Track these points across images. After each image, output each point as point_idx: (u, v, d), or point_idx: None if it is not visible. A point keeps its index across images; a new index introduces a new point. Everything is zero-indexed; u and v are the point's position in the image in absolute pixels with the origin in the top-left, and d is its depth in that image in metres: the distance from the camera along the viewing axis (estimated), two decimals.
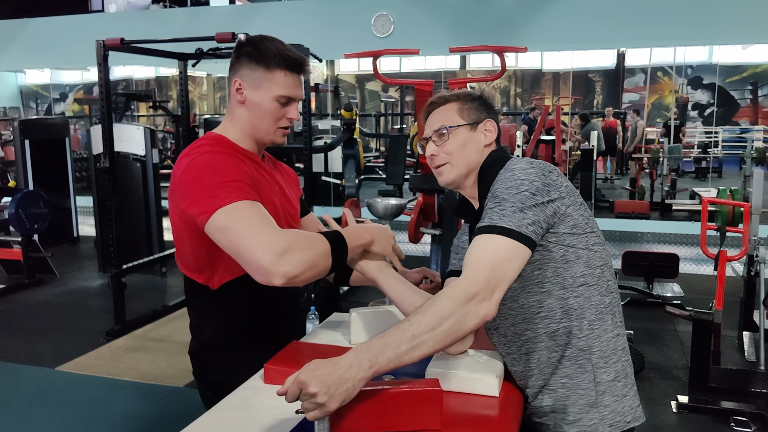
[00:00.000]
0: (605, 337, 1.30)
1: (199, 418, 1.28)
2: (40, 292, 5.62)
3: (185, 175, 1.38)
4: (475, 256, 1.21)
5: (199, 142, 1.49)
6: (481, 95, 1.48)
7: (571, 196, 1.29)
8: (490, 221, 1.23)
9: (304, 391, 1.06)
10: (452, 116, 1.43)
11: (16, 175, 7.32)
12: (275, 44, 1.47)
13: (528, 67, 13.74)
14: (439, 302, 1.15)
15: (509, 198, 1.23)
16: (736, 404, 3.25)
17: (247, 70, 1.46)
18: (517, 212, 1.21)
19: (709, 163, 10.50)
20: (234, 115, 1.50)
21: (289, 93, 1.47)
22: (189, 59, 5.12)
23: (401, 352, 1.10)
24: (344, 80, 14.13)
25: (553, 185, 1.26)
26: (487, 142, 1.43)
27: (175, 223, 1.46)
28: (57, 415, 3.31)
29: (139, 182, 5.87)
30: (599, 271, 1.31)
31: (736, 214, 3.96)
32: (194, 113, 11.89)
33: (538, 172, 1.27)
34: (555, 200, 1.25)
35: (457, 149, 1.41)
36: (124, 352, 4.20)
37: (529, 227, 1.21)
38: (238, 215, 1.29)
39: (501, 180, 1.29)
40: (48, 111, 13.93)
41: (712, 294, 3.66)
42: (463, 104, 1.44)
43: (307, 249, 1.29)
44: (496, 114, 1.48)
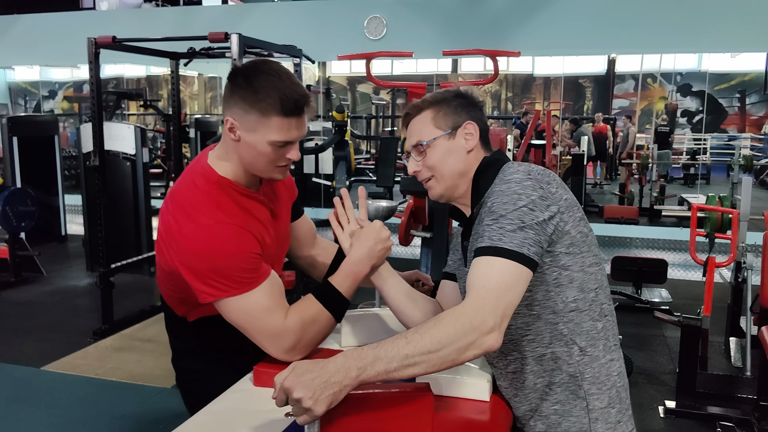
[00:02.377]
0: (596, 364, 1.25)
1: (188, 419, 1.28)
2: (26, 290, 5.56)
3: (189, 246, 1.31)
4: (479, 281, 1.14)
5: (199, 179, 1.39)
6: (457, 93, 1.38)
7: (570, 210, 1.22)
8: (490, 242, 1.16)
9: (290, 396, 1.05)
10: (427, 127, 1.35)
11: (4, 173, 7.25)
12: (272, 81, 1.31)
13: (519, 72, 13.81)
14: (441, 327, 1.10)
15: (507, 214, 1.17)
16: (723, 409, 3.28)
17: (240, 111, 1.32)
18: (518, 231, 1.15)
19: (697, 169, 10.58)
20: (229, 150, 1.39)
21: (287, 138, 1.34)
22: (181, 58, 5.10)
23: (391, 369, 1.07)
24: (336, 82, 14.13)
25: (551, 198, 1.19)
26: (469, 147, 1.34)
27: (165, 268, 1.41)
28: (42, 415, 3.27)
29: (128, 181, 5.83)
30: (593, 294, 1.26)
31: (724, 220, 3.98)
32: (185, 113, 11.84)
33: (536, 184, 1.20)
34: (554, 216, 1.19)
35: (439, 162, 1.34)
36: (111, 351, 4.16)
37: (531, 248, 1.15)
38: (244, 312, 1.33)
39: (497, 193, 1.22)
40: (37, 108, 13.81)
41: (700, 300, 3.68)
42: (437, 110, 1.35)
43: (313, 337, 1.38)
44: (479, 109, 1.38)
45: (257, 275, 1.34)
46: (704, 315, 3.49)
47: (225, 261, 1.30)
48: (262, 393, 1.35)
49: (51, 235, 7.10)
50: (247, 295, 1.32)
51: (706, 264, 3.74)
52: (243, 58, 4.11)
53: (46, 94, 14.08)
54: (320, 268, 1.73)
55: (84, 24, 8.82)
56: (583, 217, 1.26)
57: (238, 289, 1.32)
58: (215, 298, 1.33)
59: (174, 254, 1.35)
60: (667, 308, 4.87)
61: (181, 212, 1.35)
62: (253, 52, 4.72)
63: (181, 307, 1.51)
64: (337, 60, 3.28)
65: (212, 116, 10.85)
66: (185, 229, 1.32)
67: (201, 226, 1.31)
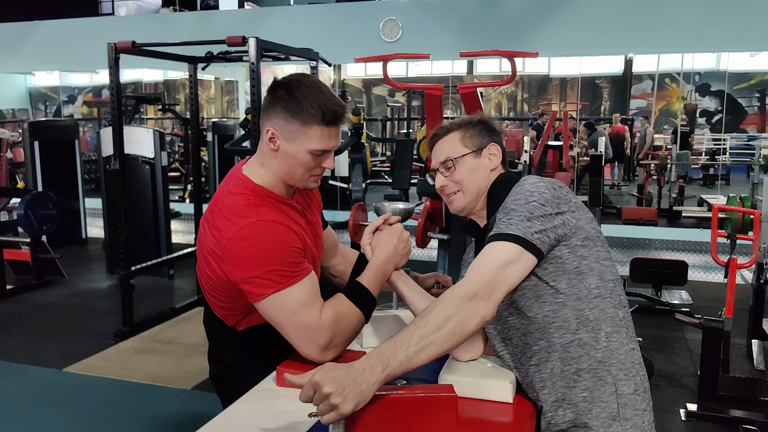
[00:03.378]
0: (623, 350, 1.30)
1: (211, 420, 1.29)
2: (48, 293, 5.63)
3: (234, 246, 1.36)
4: (478, 261, 1.25)
5: (236, 189, 1.43)
6: (481, 119, 1.51)
7: (582, 210, 1.32)
8: (497, 230, 1.27)
9: (319, 391, 1.07)
10: (456, 146, 1.47)
11: (25, 177, 7.35)
12: (313, 93, 1.39)
13: (535, 73, 13.73)
14: (442, 303, 1.19)
15: (518, 208, 1.27)
16: (745, 413, 3.23)
17: (282, 121, 1.40)
18: (525, 221, 1.25)
19: (717, 170, 10.46)
20: (266, 159, 1.46)
21: (325, 146, 1.42)
22: (199, 62, 5.14)
23: (411, 354, 1.14)
24: (351, 85, 14.15)
25: (563, 199, 1.29)
26: (493, 166, 1.47)
27: (212, 276, 1.44)
28: (65, 416, 3.31)
29: (147, 184, 5.88)
30: (612, 284, 1.33)
31: (746, 221, 3.94)
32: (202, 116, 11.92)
33: (548, 185, 1.31)
34: (565, 212, 1.28)
35: (465, 177, 1.46)
36: (131, 353, 4.20)
37: (534, 234, 1.23)
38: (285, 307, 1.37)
39: (512, 194, 1.33)
40: (57, 113, 13.99)
41: (721, 302, 3.64)
42: (465, 132, 1.48)
43: (345, 334, 1.41)
44: (499, 135, 1.51)
45: (300, 269, 1.38)
46: (726, 317, 3.44)
47: (267, 256, 1.34)
48: (285, 393, 1.36)
49: (72, 238, 7.18)
50: (289, 289, 1.36)
51: (727, 265, 3.69)
52: (260, 61, 4.13)
53: (66, 99, 14.26)
54: (341, 276, 1.78)
55: (103, 29, 8.93)
56: (593, 219, 1.35)
57: (282, 284, 1.35)
58: (260, 298, 1.36)
59: (219, 261, 1.39)
60: (688, 310, 4.81)
61: (222, 220, 1.39)
62: (270, 56, 4.74)
63: (231, 317, 1.54)
64: (354, 62, 3.28)
65: (229, 120, 10.93)
66: (228, 233, 1.37)
67: (242, 226, 1.36)
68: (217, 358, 1.64)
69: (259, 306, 1.39)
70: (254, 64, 4.06)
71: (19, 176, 10.12)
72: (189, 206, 8.49)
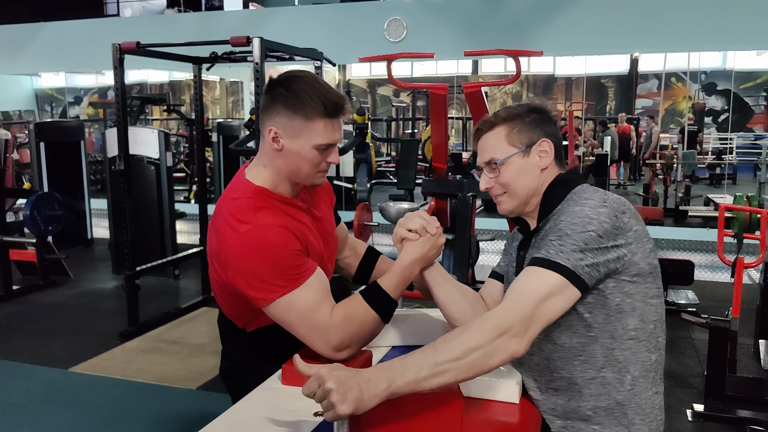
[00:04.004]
0: (645, 395, 1.24)
1: (216, 418, 1.28)
2: (54, 293, 5.65)
3: (234, 252, 1.36)
4: (519, 288, 1.15)
5: (237, 192, 1.43)
6: (531, 108, 1.35)
7: (640, 241, 1.21)
8: (546, 254, 1.17)
9: (322, 386, 1.06)
10: (501, 145, 1.33)
11: (31, 177, 7.38)
12: (311, 86, 1.37)
13: (540, 73, 13.71)
14: (469, 332, 1.11)
15: (573, 235, 1.16)
16: (753, 413, 3.21)
17: (284, 119, 1.38)
18: (577, 251, 1.14)
19: (723, 169, 10.42)
20: (269, 159, 1.44)
21: (330, 140, 1.40)
22: (203, 63, 5.15)
23: (420, 378, 1.08)
24: (356, 85, 14.16)
25: (623, 229, 1.18)
26: (544, 165, 1.33)
27: (219, 282, 1.45)
28: (70, 415, 3.32)
29: (153, 185, 5.90)
30: (652, 326, 1.25)
31: (753, 220, 3.91)
32: (207, 117, 11.96)
33: (611, 213, 1.19)
34: (621, 246, 1.17)
35: (512, 180, 1.33)
36: (137, 353, 4.21)
37: (585, 268, 1.14)
38: (294, 310, 1.36)
39: (569, 213, 1.22)
40: (63, 114, 14.05)
41: (728, 301, 3.62)
42: (512, 127, 1.33)
43: (358, 334, 1.38)
44: (553, 124, 1.35)
45: (302, 271, 1.36)
46: (733, 317, 3.42)
47: (267, 261, 1.34)
48: (291, 391, 1.36)
49: (77, 238, 7.21)
50: (294, 292, 1.35)
51: (734, 265, 3.67)
52: (264, 61, 4.14)
53: (71, 100, 14.32)
54: (349, 269, 1.77)
55: (108, 30, 8.96)
56: (653, 249, 1.25)
57: (286, 287, 1.34)
58: (266, 302, 1.36)
59: (223, 266, 1.40)
60: (695, 310, 4.79)
61: (224, 225, 1.39)
62: (274, 56, 4.74)
63: (240, 319, 1.54)
64: (359, 62, 3.28)
65: (234, 120, 10.95)
66: (229, 238, 1.37)
67: (242, 232, 1.35)
68: (228, 356, 1.65)
69: (266, 310, 1.39)
70: (258, 64, 4.06)
71: (26, 177, 10.17)
72: (194, 207, 8.50)
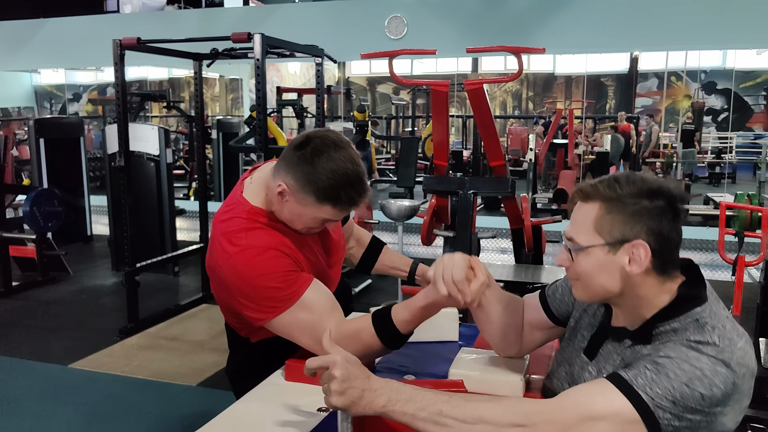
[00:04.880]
0: None
1: (220, 413, 1.28)
2: (53, 289, 5.64)
3: (226, 274, 1.36)
4: (576, 395, 1.02)
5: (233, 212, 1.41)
6: (642, 190, 1.06)
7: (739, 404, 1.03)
8: (632, 380, 0.99)
9: (330, 369, 1.04)
10: (586, 227, 1.09)
11: (31, 174, 7.37)
12: (336, 173, 1.28)
13: (540, 71, 13.70)
14: (492, 403, 1.02)
15: (673, 381, 0.97)
16: (753, 411, 3.20)
17: (296, 185, 1.32)
18: (668, 398, 0.97)
19: (723, 168, 10.43)
20: (271, 197, 1.40)
21: (334, 218, 1.38)
22: (204, 59, 5.14)
23: (419, 417, 1.01)
24: (355, 82, 14.14)
25: (733, 397, 1.00)
26: (633, 272, 1.07)
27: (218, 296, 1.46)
28: (70, 412, 3.32)
29: (152, 181, 5.89)
30: None
31: (754, 219, 3.91)
32: (207, 114, 11.93)
33: (729, 380, 0.99)
34: (718, 414, 0.99)
35: (587, 274, 1.11)
36: (136, 350, 4.20)
37: (667, 417, 0.97)
38: (293, 326, 1.35)
39: (680, 353, 1.00)
40: (62, 111, 14.02)
41: (729, 299, 3.62)
42: (608, 210, 1.07)
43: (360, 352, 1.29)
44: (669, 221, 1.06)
45: (293, 290, 1.34)
46: (733, 315, 3.42)
47: (257, 285, 1.33)
48: (294, 388, 1.36)
49: (77, 235, 7.20)
50: (290, 311, 1.34)
51: (735, 263, 3.67)
52: (265, 58, 4.13)
53: (71, 96, 14.29)
54: (352, 259, 1.80)
55: (108, 27, 8.93)
56: (749, 394, 1.06)
57: (280, 308, 1.34)
58: (263, 322, 1.37)
59: (219, 285, 1.41)
60: None
61: (217, 245, 1.40)
62: (275, 52, 4.74)
63: (242, 329, 1.55)
64: (360, 59, 3.27)
65: (234, 117, 10.93)
66: (220, 260, 1.38)
67: (231, 254, 1.35)
68: (233, 360, 1.67)
69: (266, 326, 1.39)
70: (259, 60, 4.06)
71: (25, 173, 10.16)
72: (194, 204, 8.49)
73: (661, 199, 1.06)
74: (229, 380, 1.69)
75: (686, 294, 1.08)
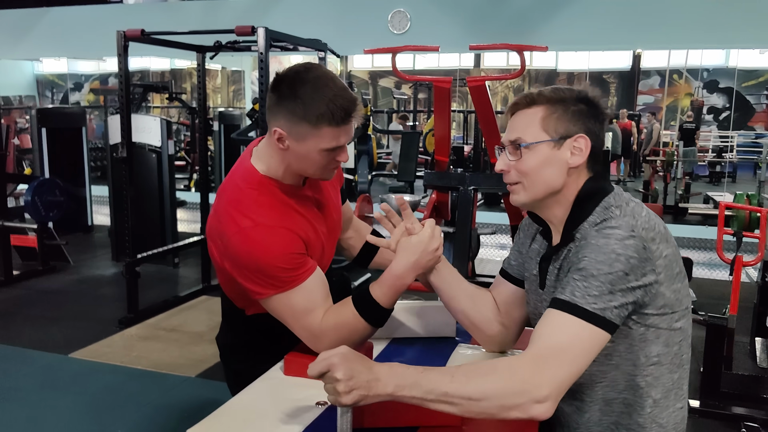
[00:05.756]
0: (666, 413, 1.22)
1: (219, 407, 1.29)
2: (54, 279, 5.66)
3: (234, 245, 1.35)
4: (547, 340, 1.08)
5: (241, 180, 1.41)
6: (580, 97, 1.22)
7: (669, 269, 1.14)
8: (572, 297, 1.09)
9: (331, 372, 1.06)
10: (533, 127, 1.20)
11: (32, 163, 7.38)
12: (319, 90, 1.29)
13: (542, 67, 13.69)
14: (491, 378, 1.06)
15: (599, 276, 1.08)
16: (748, 410, 3.23)
17: (289, 123, 1.32)
18: (606, 293, 1.07)
19: (723, 167, 10.43)
20: (276, 153, 1.39)
21: (338, 143, 1.35)
22: (207, 52, 5.14)
23: (427, 399, 1.06)
24: (357, 76, 14.13)
25: (651, 259, 1.10)
26: (574, 164, 1.19)
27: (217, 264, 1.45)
28: (69, 401, 3.34)
29: (154, 173, 5.90)
30: (676, 347, 1.20)
31: (752, 219, 3.92)
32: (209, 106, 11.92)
33: (638, 245, 1.09)
34: (650, 284, 1.11)
35: (533, 170, 1.20)
36: (136, 340, 4.23)
37: (614, 310, 1.08)
38: (287, 309, 1.38)
39: (593, 247, 1.11)
40: (64, 100, 14.02)
41: (726, 299, 3.64)
42: (552, 111, 1.20)
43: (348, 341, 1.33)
44: (599, 122, 1.21)
45: (298, 273, 1.36)
46: (730, 314, 3.45)
47: (264, 262, 1.33)
48: (293, 382, 1.37)
49: (78, 225, 7.21)
50: (290, 292, 1.36)
51: (733, 263, 3.69)
52: (269, 51, 4.13)
53: (72, 86, 14.28)
54: (350, 251, 1.78)
55: (111, 17, 8.93)
56: (681, 270, 1.18)
57: (281, 288, 1.35)
58: (261, 296, 1.37)
59: (221, 254, 1.40)
60: (693, 307, 4.80)
61: (225, 214, 1.39)
62: (278, 46, 4.74)
63: (239, 300, 1.55)
64: (363, 54, 3.28)
65: (235, 109, 10.93)
66: (228, 230, 1.36)
67: (242, 228, 1.35)
68: (227, 333, 1.67)
69: (261, 302, 1.40)
70: (263, 54, 4.06)
71: (26, 163, 10.16)
72: (195, 195, 8.50)
73: (592, 105, 1.22)
74: (221, 355, 1.69)
75: (592, 186, 1.21)
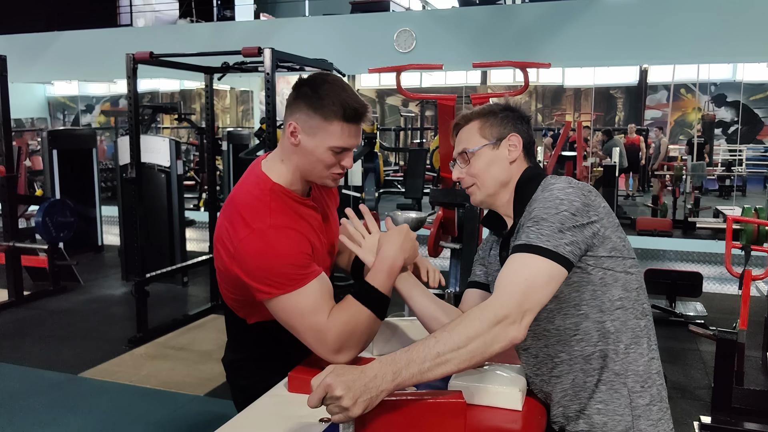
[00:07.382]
0: (641, 361, 1.29)
1: (223, 425, 1.30)
2: (64, 299, 5.70)
3: (245, 247, 1.39)
4: (508, 278, 1.19)
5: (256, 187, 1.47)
6: (505, 107, 1.45)
7: (609, 218, 1.28)
8: (527, 239, 1.21)
9: (330, 393, 1.08)
10: (474, 137, 1.43)
11: (44, 184, 7.47)
12: (336, 90, 1.41)
13: (549, 83, 13.74)
14: (467, 322, 1.15)
15: (548, 218, 1.22)
16: (760, 426, 3.20)
17: (304, 116, 1.42)
18: (556, 232, 1.20)
19: (732, 181, 10.39)
20: (287, 154, 1.48)
21: (345, 144, 1.44)
22: (215, 73, 5.21)
23: (425, 369, 1.12)
24: (365, 95, 14.24)
25: (592, 206, 1.25)
26: (512, 158, 1.41)
27: (223, 271, 1.48)
28: (79, 420, 3.35)
29: (163, 193, 5.95)
30: (635, 294, 1.31)
31: (761, 232, 3.91)
32: (217, 126, 12.04)
33: (578, 192, 1.26)
34: (594, 222, 1.24)
35: (482, 171, 1.41)
36: (145, 359, 4.24)
37: (566, 247, 1.19)
38: (293, 309, 1.39)
39: (539, 200, 1.27)
40: (75, 122, 14.20)
41: (736, 313, 3.61)
42: (485, 122, 1.43)
43: (357, 336, 1.40)
44: (525, 123, 1.44)
45: (307, 273, 1.39)
46: (740, 329, 3.42)
47: (276, 260, 1.37)
48: (297, 399, 1.38)
49: (88, 245, 7.28)
50: (297, 293, 1.38)
51: (742, 277, 3.66)
52: (275, 71, 4.19)
53: (83, 108, 14.47)
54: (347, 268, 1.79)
55: (121, 40, 9.07)
56: (620, 226, 1.31)
57: (290, 286, 1.37)
58: (269, 296, 1.39)
59: (230, 257, 1.42)
60: (702, 322, 4.77)
61: (237, 217, 1.42)
62: (285, 66, 4.80)
63: (241, 309, 1.57)
64: (368, 73, 3.32)
65: (244, 129, 11.03)
66: (240, 233, 1.40)
67: (255, 230, 1.39)
68: (231, 349, 1.69)
69: (267, 305, 1.41)
70: (269, 74, 4.11)
71: (38, 184, 10.28)
72: (204, 214, 8.56)
73: (515, 110, 1.45)
74: (226, 371, 1.70)
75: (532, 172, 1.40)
